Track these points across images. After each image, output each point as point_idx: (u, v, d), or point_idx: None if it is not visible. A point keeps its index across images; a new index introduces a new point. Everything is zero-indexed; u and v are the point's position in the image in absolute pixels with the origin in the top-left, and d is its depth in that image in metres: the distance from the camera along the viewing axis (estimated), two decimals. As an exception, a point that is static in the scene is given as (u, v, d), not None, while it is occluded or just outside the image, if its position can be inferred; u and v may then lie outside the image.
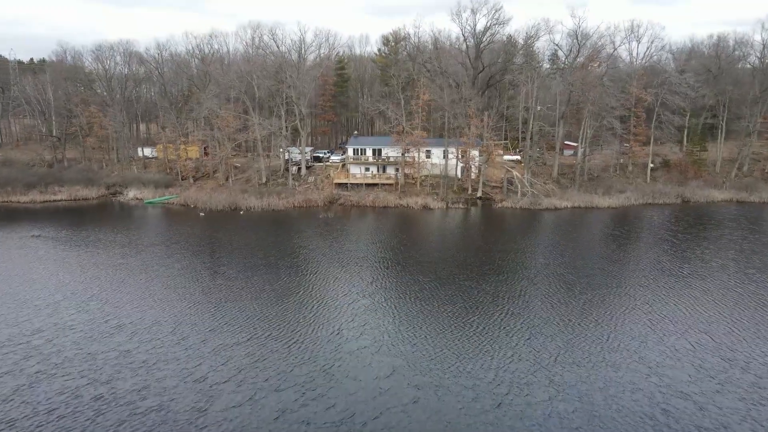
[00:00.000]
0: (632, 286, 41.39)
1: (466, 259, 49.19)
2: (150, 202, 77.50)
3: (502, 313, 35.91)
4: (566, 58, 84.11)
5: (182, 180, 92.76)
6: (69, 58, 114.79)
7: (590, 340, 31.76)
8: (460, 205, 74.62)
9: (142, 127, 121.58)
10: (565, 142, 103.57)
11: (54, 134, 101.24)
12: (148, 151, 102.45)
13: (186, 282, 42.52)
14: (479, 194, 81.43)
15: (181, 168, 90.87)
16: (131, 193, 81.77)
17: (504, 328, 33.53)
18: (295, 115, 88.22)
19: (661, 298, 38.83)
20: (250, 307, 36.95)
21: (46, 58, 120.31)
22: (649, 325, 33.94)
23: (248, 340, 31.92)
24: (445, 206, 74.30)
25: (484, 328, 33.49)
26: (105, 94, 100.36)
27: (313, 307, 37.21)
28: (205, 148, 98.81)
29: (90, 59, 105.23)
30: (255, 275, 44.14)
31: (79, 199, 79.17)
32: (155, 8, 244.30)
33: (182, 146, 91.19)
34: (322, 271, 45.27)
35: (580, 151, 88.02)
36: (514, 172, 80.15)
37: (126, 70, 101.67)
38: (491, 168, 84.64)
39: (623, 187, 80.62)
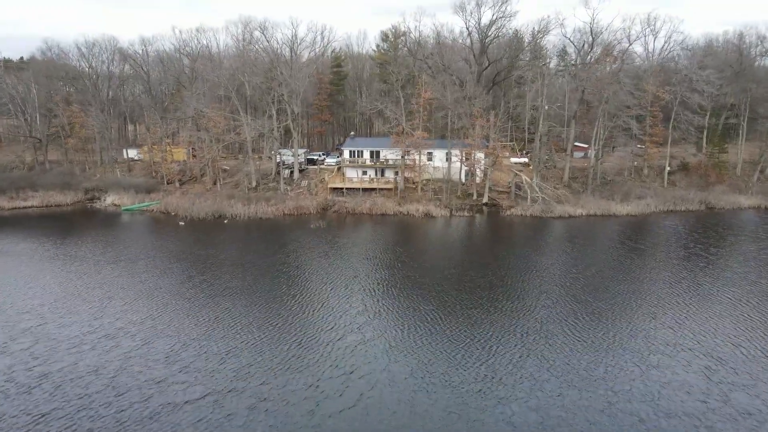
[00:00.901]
0: (672, 314, 34.10)
1: (473, 279, 41.90)
2: (128, 209, 70.41)
3: (519, 353, 28.66)
4: (578, 53, 76.68)
5: (168, 184, 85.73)
6: (53, 54, 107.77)
7: (633, 395, 24.53)
8: (465, 213, 67.33)
9: (131, 127, 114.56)
10: (575, 144, 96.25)
11: (34, 135, 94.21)
12: (133, 153, 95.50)
13: (144, 309, 35.38)
14: (485, 200, 74.13)
15: (165, 171, 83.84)
16: (109, 199, 74.69)
17: (523, 374, 26.28)
18: (287, 115, 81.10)
19: (710, 332, 31.53)
20: (211, 348, 29.79)
21: (31, 56, 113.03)
22: (707, 378, 26.68)
23: (202, 397, 24.77)
24: (448, 214, 67.04)
25: (495, 373, 26.25)
26: (87, 91, 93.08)
27: (288, 346, 30.00)
28: (193, 150, 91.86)
29: (72, 56, 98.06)
30: (225, 301, 36.96)
31: (51, 206, 72.09)
32: (156, 8, 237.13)
33: (168, 148, 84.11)
34: (306, 297, 38.04)
35: (592, 153, 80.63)
36: (523, 176, 72.83)
37: (108, 67, 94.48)
38: (497, 171, 77.36)
39: (642, 192, 73.14)
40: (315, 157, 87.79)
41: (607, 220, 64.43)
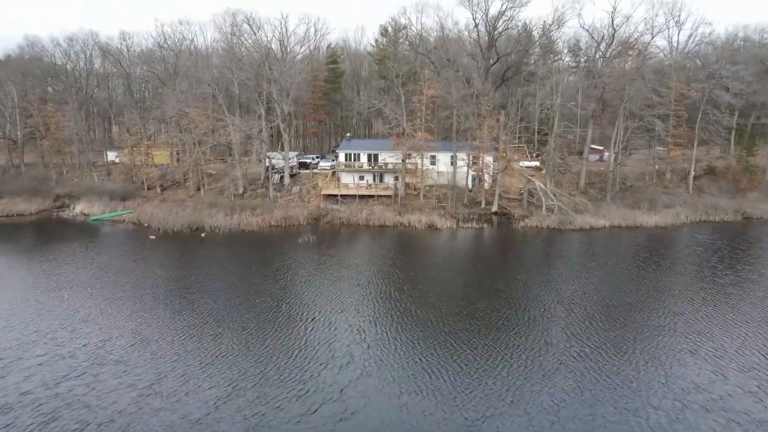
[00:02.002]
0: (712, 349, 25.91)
1: (485, 314, 33.66)
2: (97, 219, 62.26)
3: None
4: (597, 46, 68.29)
5: (148, 190, 77.64)
6: (34, 51, 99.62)
7: None
8: (473, 224, 59.05)
9: (115, 129, 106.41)
10: (591, 146, 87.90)
11: (8, 135, 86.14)
12: (114, 156, 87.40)
13: (90, 348, 27.26)
14: (495, 209, 65.86)
15: (144, 176, 75.75)
16: (79, 207, 66.59)
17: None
18: (277, 115, 72.93)
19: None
20: (172, 396, 21.65)
21: (9, 54, 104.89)
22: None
23: None
24: (454, 225, 58.75)
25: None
26: (64, 89, 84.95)
27: (268, 385, 21.85)
28: (177, 153, 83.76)
29: (50, 51, 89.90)
30: (189, 342, 28.81)
31: (13, 215, 63.96)
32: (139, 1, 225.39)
33: (147, 151, 76.00)
34: (281, 339, 29.87)
35: (611, 155, 72.26)
36: (537, 182, 64.53)
37: (88, 63, 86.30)
38: (508, 177, 69.09)
39: (669, 200, 64.80)
40: (308, 161, 79.60)
41: (633, 233, 56.12)
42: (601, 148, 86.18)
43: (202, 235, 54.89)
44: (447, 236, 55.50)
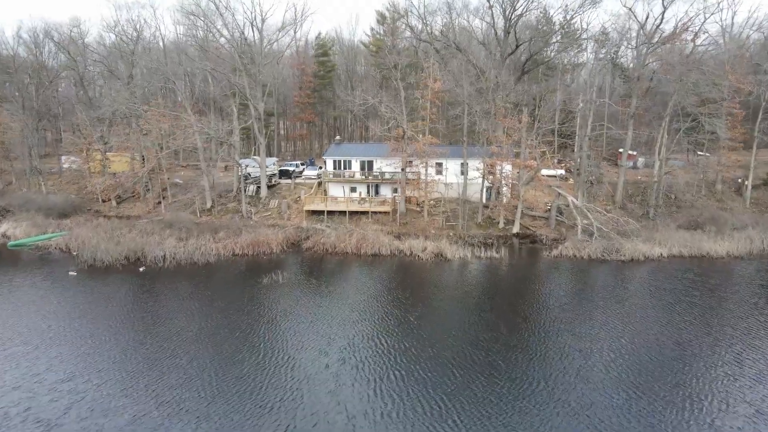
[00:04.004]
0: None
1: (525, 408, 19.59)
2: (17, 245, 47.90)
3: None
4: (641, 27, 53.98)
5: (103, 202, 63.59)
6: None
7: None
8: (493, 253, 44.70)
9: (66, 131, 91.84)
10: (620, 150, 73.82)
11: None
12: (68, 162, 73.19)
13: None
14: (516, 230, 51.77)
15: (92, 186, 61.65)
16: (3, 227, 52.22)
17: None
18: (251, 114, 58.76)
19: None
20: None
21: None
22: None
23: None
24: (468, 254, 44.45)
25: None
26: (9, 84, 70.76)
27: None
28: (143, 158, 69.60)
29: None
30: None
31: None
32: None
33: (97, 156, 61.82)
34: None
35: (656, 162, 58.08)
36: (569, 197, 50.40)
37: (38, 55, 71.88)
38: (530, 189, 55.05)
39: (739, 220, 50.61)
40: (290, 168, 65.34)
41: (702, 265, 41.96)
42: (634, 153, 72.09)
43: (141, 269, 40.61)
44: (458, 271, 41.28)
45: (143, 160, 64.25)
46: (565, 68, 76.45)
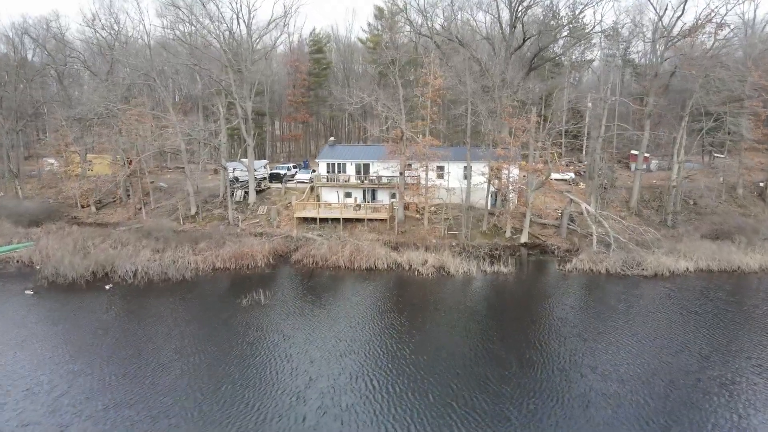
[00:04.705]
0: None
1: None
2: (-24, 258, 43.34)
3: None
4: (659, 19, 49.17)
5: (82, 208, 59.22)
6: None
7: None
8: (501, 266, 39.92)
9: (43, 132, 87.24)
10: (632, 152, 69.12)
11: None
12: (50, 164, 68.74)
13: None
14: (524, 239, 47.12)
15: (68, 191, 57.25)
16: (-35, 238, 47.68)
17: None
18: (237, 114, 54.17)
19: None
20: None
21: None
22: None
23: None
24: (474, 268, 39.73)
25: None
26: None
27: None
28: (129, 161, 65.01)
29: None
30: None
31: None
32: None
33: (72, 158, 57.26)
34: None
35: (674, 164, 53.34)
36: (582, 204, 45.69)
37: (13, 50, 67.21)
38: (539, 194, 50.41)
39: (764, 228, 45.88)
40: (282, 171, 60.70)
41: (732, 281, 37.26)
42: (647, 155, 67.30)
43: (107, 287, 36.01)
44: (462, 288, 36.60)
45: (127, 162, 59.79)
46: (573, 65, 71.64)
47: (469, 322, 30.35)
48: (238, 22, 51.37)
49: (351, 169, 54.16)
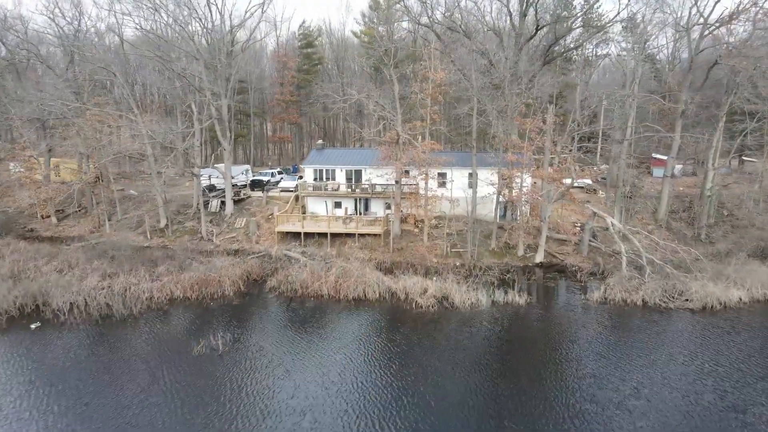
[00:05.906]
0: None
1: None
2: None
3: None
4: (694, 4, 41.80)
5: (42, 219, 52.13)
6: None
7: None
8: (515, 295, 32.63)
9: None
10: (654, 156, 61.98)
11: None
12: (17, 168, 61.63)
13: None
14: (540, 258, 39.91)
15: (24, 200, 50.14)
16: None
17: None
18: (211, 114, 46.95)
19: None
20: None
21: None
22: None
23: None
24: (483, 297, 32.47)
25: None
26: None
27: None
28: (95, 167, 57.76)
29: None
30: None
31: None
32: None
33: (31, 162, 50.00)
34: None
35: (708, 170, 46.07)
36: (608, 218, 38.48)
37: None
38: (556, 206, 43.19)
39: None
40: (264, 178, 53.51)
41: (798, 316, 30.09)
42: (665, 158, 60.03)
43: (33, 326, 28.79)
44: (468, 326, 29.34)
45: (89, 168, 52.49)
46: (587, 61, 64.34)
47: (477, 389, 23.09)
48: (210, 9, 44.10)
49: (341, 176, 46.96)
